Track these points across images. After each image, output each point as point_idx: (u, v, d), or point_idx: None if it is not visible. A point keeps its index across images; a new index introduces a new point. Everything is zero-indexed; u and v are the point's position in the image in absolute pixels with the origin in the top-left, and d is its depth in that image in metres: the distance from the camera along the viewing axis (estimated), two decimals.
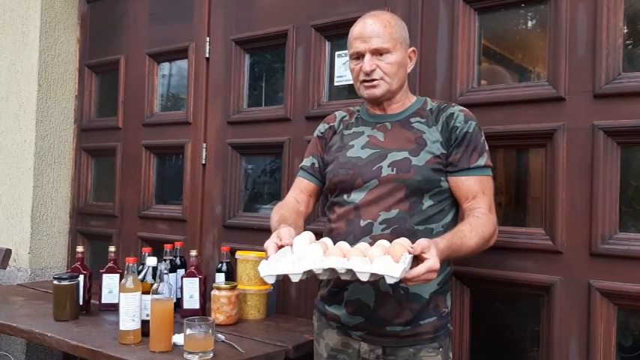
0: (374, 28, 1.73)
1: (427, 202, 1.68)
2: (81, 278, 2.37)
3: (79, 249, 2.51)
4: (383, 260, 1.35)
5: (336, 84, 2.53)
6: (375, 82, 1.74)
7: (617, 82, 1.85)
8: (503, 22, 2.23)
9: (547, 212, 1.96)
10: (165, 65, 3.26)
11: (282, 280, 1.44)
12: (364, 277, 1.36)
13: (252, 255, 2.39)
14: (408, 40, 1.80)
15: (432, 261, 1.38)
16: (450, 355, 1.74)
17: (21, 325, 2.18)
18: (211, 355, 1.81)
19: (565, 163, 1.92)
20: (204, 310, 2.34)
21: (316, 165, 1.89)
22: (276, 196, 2.76)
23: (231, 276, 2.41)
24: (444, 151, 1.69)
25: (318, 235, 1.63)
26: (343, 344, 1.75)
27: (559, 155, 1.93)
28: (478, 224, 1.61)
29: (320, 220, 2.50)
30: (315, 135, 1.95)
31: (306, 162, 1.92)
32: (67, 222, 3.56)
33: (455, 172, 1.69)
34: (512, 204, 2.18)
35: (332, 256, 1.40)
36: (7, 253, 3.24)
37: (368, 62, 1.71)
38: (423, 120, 1.75)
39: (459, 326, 2.10)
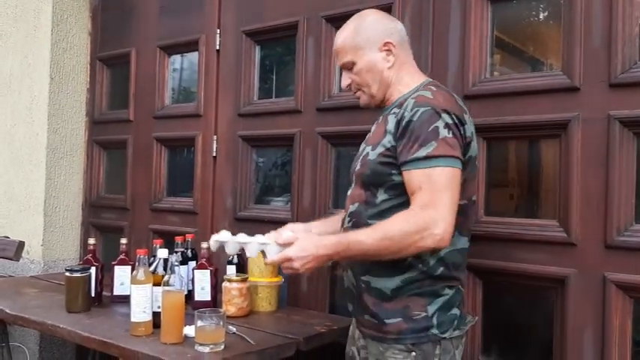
0: (336, 44, 1.75)
1: (381, 196, 1.63)
2: (93, 270, 2.37)
3: (91, 241, 2.52)
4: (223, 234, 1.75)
5: None
6: (357, 94, 1.77)
7: (633, 72, 1.82)
8: (516, 12, 2.19)
9: (561, 204, 1.93)
10: (176, 58, 3.26)
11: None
12: (213, 247, 1.75)
13: None
14: (379, 35, 1.69)
15: (290, 251, 1.55)
16: None
17: (34, 317, 2.20)
18: (222, 347, 1.81)
19: (580, 154, 1.89)
20: (215, 302, 2.34)
21: None
22: (287, 188, 2.75)
23: (242, 268, 2.41)
24: (394, 143, 1.60)
25: None
26: (353, 329, 1.83)
27: (574, 146, 1.90)
28: (387, 223, 1.53)
29: (331, 212, 2.49)
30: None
31: None
32: (79, 214, 3.58)
33: (400, 165, 1.58)
34: (525, 196, 2.16)
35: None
36: (20, 245, 3.26)
37: (344, 79, 1.76)
38: (398, 111, 1.64)
39: None
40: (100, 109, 3.56)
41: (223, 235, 1.75)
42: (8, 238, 3.44)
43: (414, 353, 1.59)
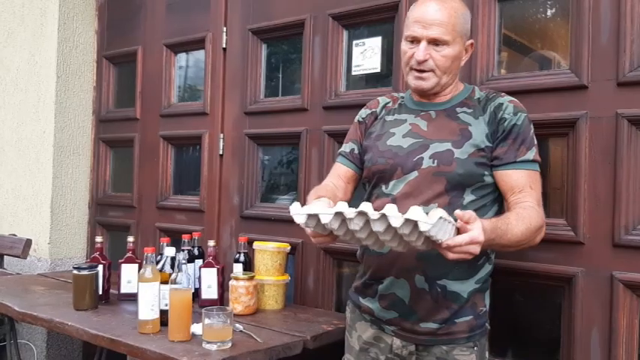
0: (437, 16, 1.61)
1: (468, 197, 1.60)
2: (100, 268, 2.38)
3: (98, 239, 2.53)
4: (417, 210, 1.28)
5: (353, 73, 2.51)
6: (425, 75, 1.65)
7: None
8: (523, 10, 2.19)
9: (569, 203, 1.93)
10: (182, 56, 3.27)
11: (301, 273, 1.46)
12: (397, 223, 1.27)
13: (269, 245, 2.38)
14: (469, 31, 1.72)
15: (477, 232, 1.31)
16: (487, 355, 1.70)
17: (42, 314, 2.21)
18: (230, 344, 1.82)
19: (587, 152, 1.88)
20: (222, 300, 2.35)
21: (355, 151, 1.82)
22: (293, 186, 2.75)
23: (249, 266, 2.41)
24: (490, 144, 1.61)
25: None
26: (375, 338, 1.73)
27: (581, 144, 1.89)
28: (525, 214, 1.52)
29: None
30: (355, 120, 1.88)
31: (345, 147, 1.84)
32: (86, 212, 3.59)
33: (501, 165, 1.61)
34: None
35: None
36: (28, 243, 3.28)
37: (422, 51, 1.62)
38: (470, 110, 1.66)
39: None
40: (106, 107, 3.57)
41: (341, 206, 1.35)
42: (15, 236, 3.46)
43: (476, 348, 1.63)
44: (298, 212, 1.37)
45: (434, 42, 1.62)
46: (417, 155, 1.63)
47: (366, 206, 1.32)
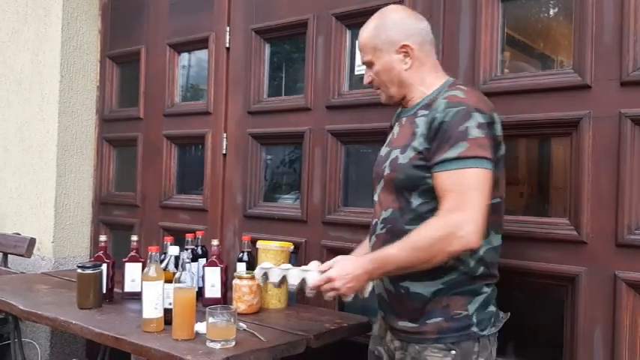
0: (360, 42, 1.75)
1: (416, 201, 1.61)
2: (104, 267, 2.39)
3: (102, 238, 2.53)
4: (286, 265, 1.83)
5: (356, 73, 2.52)
6: (378, 92, 1.79)
7: None
8: (526, 9, 2.19)
9: (572, 202, 1.93)
10: (185, 56, 3.27)
11: (304, 262, 1.75)
12: (268, 276, 1.80)
13: (273, 244, 2.39)
14: (397, 37, 1.68)
15: (331, 271, 1.60)
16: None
17: (46, 313, 2.21)
18: (233, 343, 1.82)
19: (591, 152, 1.88)
20: (225, 299, 2.35)
21: None
22: (296, 186, 2.76)
23: (252, 265, 2.41)
24: (427, 146, 1.58)
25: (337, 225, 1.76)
26: (383, 330, 1.83)
27: (584, 144, 1.89)
28: (412, 235, 1.53)
29: (341, 210, 2.50)
30: None
31: None
32: (90, 212, 3.60)
33: (431, 167, 1.57)
34: (535, 194, 2.15)
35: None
36: (31, 242, 3.29)
37: (365, 76, 1.78)
38: (427, 112, 1.63)
39: None
40: (110, 106, 3.58)
41: (267, 264, 1.84)
42: (19, 235, 3.47)
43: (453, 352, 1.59)
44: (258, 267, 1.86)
45: (367, 65, 1.75)
46: (384, 164, 1.72)
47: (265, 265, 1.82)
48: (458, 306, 1.61)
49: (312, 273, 1.68)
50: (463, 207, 1.49)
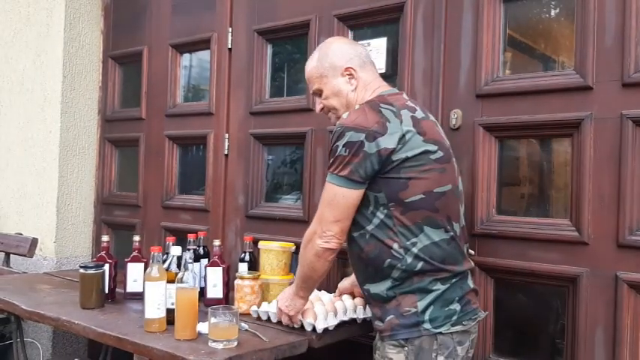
0: (307, 74, 1.91)
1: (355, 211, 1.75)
2: (106, 267, 2.39)
3: (105, 238, 2.54)
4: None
5: None
6: (330, 119, 1.93)
7: None
8: (528, 11, 2.19)
9: (573, 203, 1.93)
10: (188, 56, 3.28)
11: None
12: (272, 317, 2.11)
13: (274, 245, 2.39)
14: (339, 62, 1.83)
15: (277, 302, 1.99)
16: (431, 356, 1.64)
17: (49, 313, 2.21)
18: (235, 343, 1.82)
19: (592, 153, 1.89)
20: (227, 299, 2.36)
21: None
22: (298, 186, 2.76)
23: (254, 266, 2.42)
24: None
25: None
26: None
27: (586, 145, 1.90)
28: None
29: None
30: None
31: None
32: (92, 212, 3.61)
33: None
34: (537, 195, 2.16)
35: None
36: (34, 242, 3.29)
37: (316, 104, 1.94)
38: None
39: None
40: (112, 107, 3.58)
41: (270, 306, 2.16)
42: (22, 235, 3.47)
43: (406, 348, 1.66)
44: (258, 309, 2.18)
45: (316, 94, 1.91)
46: None
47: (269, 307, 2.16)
48: (408, 304, 1.68)
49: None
50: (316, 219, 1.74)
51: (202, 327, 1.92)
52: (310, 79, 1.90)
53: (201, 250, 2.50)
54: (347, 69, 1.83)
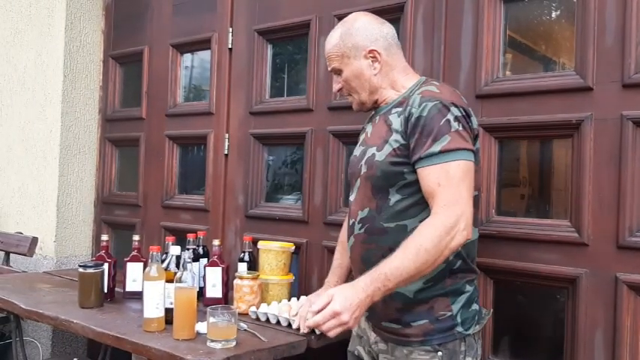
0: (327, 50, 1.77)
1: (394, 197, 1.61)
2: (105, 266, 2.39)
3: (104, 237, 2.54)
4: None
5: None
6: (349, 99, 1.80)
7: None
8: (528, 11, 2.19)
9: (573, 204, 1.93)
10: (188, 56, 3.28)
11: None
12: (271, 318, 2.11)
13: (274, 245, 2.39)
14: (363, 43, 1.70)
15: (335, 305, 1.43)
16: (464, 359, 1.62)
17: (47, 312, 2.22)
18: (234, 343, 1.82)
19: (592, 154, 1.88)
20: (226, 299, 2.36)
21: None
22: (298, 186, 2.76)
23: (253, 265, 2.42)
24: (404, 142, 1.58)
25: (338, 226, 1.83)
26: (364, 329, 1.83)
27: (586, 146, 1.89)
28: (415, 236, 1.48)
29: (342, 211, 2.50)
30: None
31: None
32: (92, 211, 3.61)
33: (414, 163, 1.56)
34: (537, 195, 2.16)
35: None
36: (34, 241, 3.29)
37: (334, 84, 1.80)
38: (400, 109, 1.64)
39: None
40: (112, 106, 3.58)
41: (269, 308, 2.17)
42: (22, 234, 3.48)
43: (440, 353, 1.59)
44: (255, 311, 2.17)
45: (336, 72, 1.77)
46: (359, 163, 1.72)
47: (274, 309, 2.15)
48: (442, 307, 1.61)
49: (302, 311, 1.84)
50: (456, 201, 1.49)
51: (201, 327, 1.92)
52: (330, 56, 1.75)
53: (200, 250, 2.50)
54: (371, 51, 1.69)
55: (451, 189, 1.49)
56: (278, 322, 2.07)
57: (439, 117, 1.53)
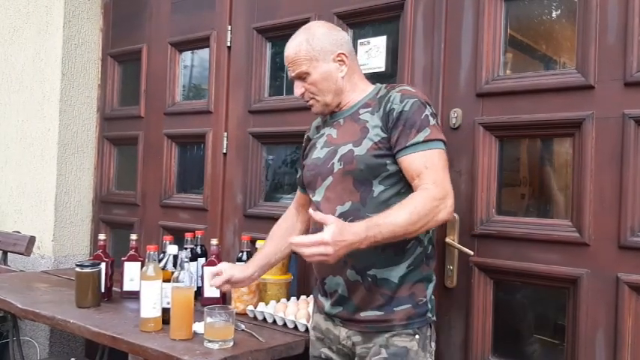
0: (289, 55, 1.80)
1: (378, 188, 1.69)
2: (103, 266, 2.38)
3: (102, 237, 2.53)
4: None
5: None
6: (309, 103, 1.84)
7: None
8: (529, 10, 2.17)
9: (574, 203, 1.91)
10: (187, 55, 3.27)
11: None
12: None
13: None
14: (334, 45, 1.78)
15: (326, 234, 1.44)
16: (432, 345, 1.76)
17: (44, 312, 2.21)
18: (231, 343, 1.81)
19: (594, 153, 1.87)
20: (224, 299, 2.35)
21: (299, 176, 2.01)
22: (296, 186, 2.74)
23: None
24: (385, 135, 1.69)
25: None
26: (326, 330, 1.82)
27: (587, 145, 1.88)
28: (409, 201, 1.58)
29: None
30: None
31: (298, 175, 2.05)
32: (90, 210, 3.59)
33: (397, 153, 1.67)
34: (537, 195, 2.14)
35: None
36: (31, 240, 3.28)
37: (296, 89, 1.83)
38: (370, 109, 1.76)
39: (482, 318, 2.07)
40: (110, 105, 3.57)
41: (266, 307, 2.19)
42: (19, 233, 3.46)
43: (417, 336, 1.70)
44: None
45: (299, 77, 1.80)
46: (330, 162, 1.77)
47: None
48: (420, 293, 1.73)
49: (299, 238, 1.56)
50: (442, 181, 1.63)
51: (198, 327, 1.91)
52: (297, 61, 1.78)
53: (198, 250, 2.49)
54: (339, 54, 1.78)
55: (438, 172, 1.64)
56: (274, 322, 2.06)
57: (420, 112, 1.67)
